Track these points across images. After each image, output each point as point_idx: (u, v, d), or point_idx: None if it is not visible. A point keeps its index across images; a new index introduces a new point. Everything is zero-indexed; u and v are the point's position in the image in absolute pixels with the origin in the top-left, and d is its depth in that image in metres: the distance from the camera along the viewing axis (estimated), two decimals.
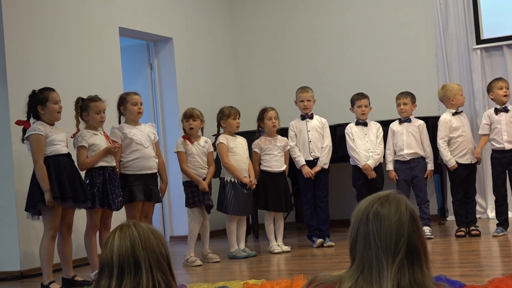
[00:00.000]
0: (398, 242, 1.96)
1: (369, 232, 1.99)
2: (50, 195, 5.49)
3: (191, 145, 6.63)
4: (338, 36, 9.34)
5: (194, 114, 6.66)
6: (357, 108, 7.26)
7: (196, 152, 6.65)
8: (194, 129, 6.66)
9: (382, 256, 1.96)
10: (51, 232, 5.60)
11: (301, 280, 4.36)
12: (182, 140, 6.66)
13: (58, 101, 5.70)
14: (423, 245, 2.00)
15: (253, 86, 9.78)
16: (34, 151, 5.56)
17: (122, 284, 2.05)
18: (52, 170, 5.56)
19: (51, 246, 5.63)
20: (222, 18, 9.80)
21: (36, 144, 5.55)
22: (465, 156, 7.09)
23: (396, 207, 2.00)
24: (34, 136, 5.56)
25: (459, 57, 8.64)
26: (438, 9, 8.71)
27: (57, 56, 7.07)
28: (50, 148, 5.61)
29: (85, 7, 7.51)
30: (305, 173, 7.08)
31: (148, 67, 8.91)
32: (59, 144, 5.66)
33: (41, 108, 5.65)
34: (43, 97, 5.65)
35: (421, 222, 2.06)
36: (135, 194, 6.15)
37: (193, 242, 6.61)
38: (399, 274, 1.95)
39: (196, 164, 6.63)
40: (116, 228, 2.13)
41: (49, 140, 5.60)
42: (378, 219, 1.99)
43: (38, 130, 5.56)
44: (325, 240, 7.08)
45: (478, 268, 5.12)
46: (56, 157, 5.62)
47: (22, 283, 6.22)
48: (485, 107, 8.36)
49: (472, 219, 7.03)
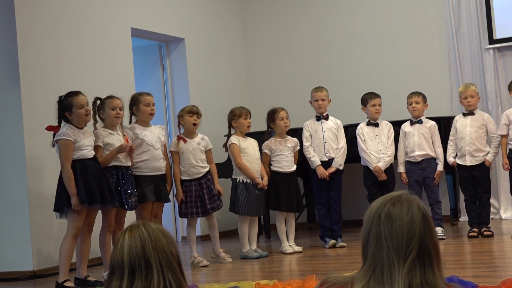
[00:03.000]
0: (410, 242, 1.96)
1: (381, 232, 1.99)
2: (76, 199, 5.54)
3: (184, 144, 6.60)
4: (349, 36, 9.32)
5: (199, 111, 6.67)
6: (371, 107, 7.23)
7: (191, 149, 6.59)
8: (197, 125, 6.65)
9: (394, 257, 1.96)
10: (74, 231, 5.64)
11: (313, 281, 4.36)
12: (176, 140, 6.64)
13: (83, 104, 5.70)
14: (435, 246, 1.99)
15: (264, 86, 9.78)
16: (62, 156, 5.60)
17: (133, 284, 2.05)
18: (79, 174, 5.60)
19: (72, 245, 5.67)
20: (234, 19, 9.80)
21: (64, 149, 5.59)
22: (462, 158, 7.06)
23: (408, 208, 2.00)
24: (63, 141, 5.60)
25: (472, 57, 8.60)
26: (451, 9, 8.68)
27: (69, 57, 7.09)
28: (77, 153, 5.64)
29: (97, 8, 7.53)
30: (320, 173, 7.06)
31: (160, 68, 8.93)
32: (87, 149, 5.70)
33: (69, 114, 5.68)
34: (68, 103, 5.67)
35: (433, 223, 2.05)
36: (146, 194, 6.17)
37: (193, 243, 6.62)
38: (410, 275, 1.94)
39: (188, 163, 6.57)
40: (126, 229, 2.12)
41: (77, 145, 5.64)
42: (390, 220, 1.99)
43: (66, 136, 5.60)
44: (337, 240, 7.07)
45: (490, 269, 5.10)
46: (83, 161, 5.66)
47: (35, 283, 6.25)
48: (498, 108, 8.33)
49: (484, 221, 6.98)
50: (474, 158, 7.01)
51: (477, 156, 7.01)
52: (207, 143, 6.71)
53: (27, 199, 6.44)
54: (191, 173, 6.58)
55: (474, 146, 7.02)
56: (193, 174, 6.59)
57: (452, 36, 8.68)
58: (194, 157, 6.59)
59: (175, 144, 6.62)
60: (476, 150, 7.01)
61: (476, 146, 7.02)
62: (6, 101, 6.56)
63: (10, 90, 6.54)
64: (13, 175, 6.53)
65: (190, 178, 6.58)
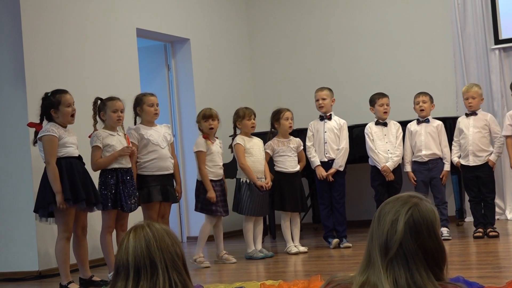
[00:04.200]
0: (389, 241, 1.99)
1: (372, 229, 2.06)
2: (61, 196, 5.46)
3: (212, 145, 6.63)
4: (355, 36, 9.32)
5: (213, 114, 6.65)
6: (379, 107, 7.22)
7: (217, 151, 6.65)
8: (214, 129, 6.65)
9: (377, 254, 2.01)
10: (65, 234, 5.59)
11: (318, 281, 4.35)
12: (204, 140, 6.64)
13: (71, 103, 5.64)
14: (428, 249, 1.99)
15: (270, 86, 9.78)
16: (47, 152, 5.51)
17: (139, 285, 2.04)
18: (64, 172, 5.53)
19: (66, 247, 5.61)
20: (239, 19, 9.80)
21: (48, 145, 5.51)
22: (465, 158, 7.06)
23: (397, 209, 2.03)
24: (47, 137, 5.52)
25: (477, 58, 8.59)
26: (456, 9, 8.66)
27: (74, 57, 7.10)
28: (63, 150, 5.57)
29: (102, 8, 7.54)
30: (318, 174, 7.06)
31: (166, 68, 8.93)
32: (71, 147, 5.64)
33: (54, 112, 5.60)
34: (56, 100, 5.59)
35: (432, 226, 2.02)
36: (152, 194, 6.16)
37: (203, 242, 6.62)
38: (394, 274, 1.97)
39: (215, 164, 6.63)
40: (130, 230, 2.11)
41: (62, 142, 5.56)
42: (378, 218, 2.05)
43: (51, 131, 5.52)
44: (342, 241, 7.06)
45: (496, 270, 5.08)
46: (68, 159, 5.60)
47: (40, 283, 6.26)
48: (504, 108, 8.32)
49: (490, 221, 6.96)
50: (478, 158, 7.00)
51: (480, 156, 7.00)
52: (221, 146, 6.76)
53: (32, 200, 6.42)
54: (217, 174, 6.64)
55: (477, 147, 7.01)
56: (218, 176, 6.66)
57: (457, 36, 8.66)
58: (220, 159, 6.67)
59: (204, 143, 6.61)
60: (479, 150, 7.00)
61: (479, 146, 7.00)
62: (12, 101, 6.58)
63: (15, 90, 6.56)
64: (18, 176, 6.54)
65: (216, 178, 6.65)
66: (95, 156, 5.86)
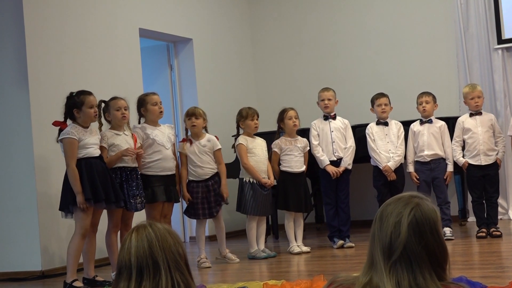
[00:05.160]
0: (393, 244, 1.98)
1: (374, 231, 2.04)
2: (82, 197, 5.54)
3: (190, 146, 6.60)
4: (357, 36, 9.31)
5: (196, 112, 6.61)
6: (377, 107, 7.23)
7: (196, 151, 6.59)
8: (197, 126, 6.61)
9: (380, 256, 2.00)
10: (82, 230, 5.64)
11: (321, 281, 4.36)
12: (181, 143, 6.65)
13: (94, 105, 5.72)
14: (431, 250, 1.98)
15: (272, 86, 9.78)
16: (67, 155, 5.60)
17: (142, 285, 2.04)
18: (84, 172, 5.60)
19: (81, 244, 5.67)
20: (241, 19, 9.81)
21: (68, 147, 5.59)
22: (475, 157, 7.04)
23: (400, 210, 2.01)
24: (67, 140, 5.60)
25: (480, 57, 8.58)
26: (459, 9, 8.66)
27: (77, 57, 7.11)
28: (83, 151, 5.64)
29: (105, 8, 7.54)
30: (331, 171, 7.03)
31: (168, 68, 8.94)
32: (92, 147, 5.70)
33: (77, 112, 5.68)
34: (79, 100, 5.67)
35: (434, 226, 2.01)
36: (157, 194, 6.18)
37: (201, 243, 6.62)
38: (397, 276, 1.96)
39: (194, 164, 6.56)
40: (132, 230, 2.12)
41: (82, 143, 5.63)
42: (380, 220, 2.03)
43: (71, 134, 5.60)
44: (345, 241, 7.06)
45: (499, 270, 5.08)
46: (89, 160, 5.66)
47: (43, 282, 6.27)
48: (507, 108, 8.31)
49: (493, 221, 6.97)
50: (489, 157, 7.00)
51: (490, 155, 7.01)
52: (214, 143, 6.67)
53: (35, 199, 6.46)
54: (197, 174, 6.58)
55: (488, 146, 7.01)
56: (199, 176, 6.59)
57: (460, 36, 8.66)
58: (200, 159, 6.57)
59: (181, 146, 6.63)
60: (489, 149, 7.02)
61: (489, 145, 7.02)
62: (15, 101, 6.59)
63: (18, 90, 6.57)
64: (21, 175, 6.55)
65: (196, 179, 6.59)
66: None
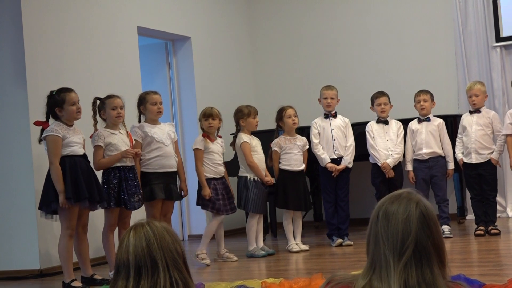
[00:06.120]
0: (405, 241, 1.95)
1: (378, 231, 2.00)
2: (64, 196, 5.48)
3: (211, 143, 6.63)
4: (356, 34, 9.31)
5: (213, 113, 6.64)
6: (377, 106, 7.24)
7: (216, 149, 6.65)
8: (213, 127, 6.65)
9: (389, 256, 1.96)
10: (68, 231, 5.60)
11: (319, 279, 4.36)
12: (202, 138, 6.65)
13: (75, 102, 5.67)
14: (436, 245, 1.98)
15: (271, 85, 9.78)
16: (50, 152, 5.55)
17: (140, 284, 2.04)
18: (68, 171, 5.55)
19: (69, 245, 5.64)
20: (240, 17, 9.80)
21: (52, 145, 5.54)
22: (467, 156, 7.06)
23: (405, 206, 1.99)
24: (51, 137, 5.55)
25: (479, 55, 8.58)
26: (457, 7, 8.66)
27: (75, 56, 7.10)
28: (67, 149, 5.59)
29: (104, 7, 7.54)
30: (330, 167, 7.04)
31: (167, 66, 8.93)
32: (76, 146, 5.66)
33: (59, 110, 5.63)
34: (60, 99, 5.62)
35: (436, 221, 2.02)
36: (155, 192, 6.16)
37: (207, 239, 6.62)
38: (406, 274, 1.94)
39: (215, 161, 6.63)
40: (130, 228, 2.11)
41: (66, 141, 5.58)
42: (386, 218, 1.99)
43: (55, 132, 5.55)
44: (344, 239, 7.07)
45: (497, 267, 5.09)
46: (73, 158, 5.61)
47: (42, 281, 6.26)
48: (505, 106, 8.31)
49: (491, 219, 6.97)
50: (480, 156, 7.00)
51: (482, 154, 6.99)
52: (223, 145, 6.75)
53: (33, 198, 6.45)
54: (218, 171, 6.65)
55: (479, 144, 7.00)
56: (219, 173, 6.67)
57: (459, 34, 8.66)
58: (220, 157, 6.67)
59: (201, 142, 6.61)
60: (481, 148, 7.00)
61: (481, 144, 7.00)
62: (13, 99, 6.58)
63: (16, 88, 6.56)
64: (19, 174, 6.54)
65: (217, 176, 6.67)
66: (98, 156, 5.86)
